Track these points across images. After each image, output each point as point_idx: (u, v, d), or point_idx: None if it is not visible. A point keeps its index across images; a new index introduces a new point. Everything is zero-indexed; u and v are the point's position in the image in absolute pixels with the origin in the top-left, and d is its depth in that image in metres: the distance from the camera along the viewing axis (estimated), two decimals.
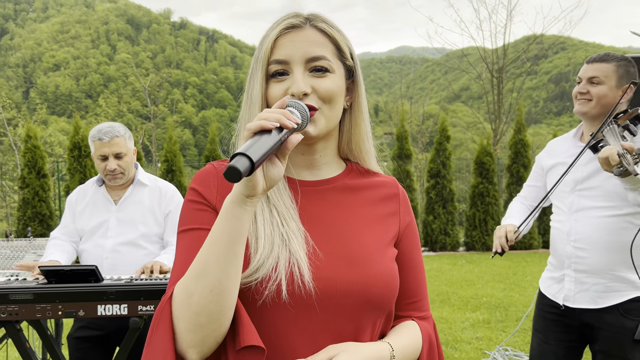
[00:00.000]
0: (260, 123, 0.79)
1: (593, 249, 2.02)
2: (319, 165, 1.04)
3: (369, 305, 0.95)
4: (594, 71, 2.04)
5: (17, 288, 2.08)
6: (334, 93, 0.96)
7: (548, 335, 2.19)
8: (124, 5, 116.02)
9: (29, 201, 10.05)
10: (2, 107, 17.54)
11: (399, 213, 1.07)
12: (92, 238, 2.80)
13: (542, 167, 2.30)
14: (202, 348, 0.85)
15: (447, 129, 11.24)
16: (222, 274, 0.83)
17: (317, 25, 0.98)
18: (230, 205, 0.83)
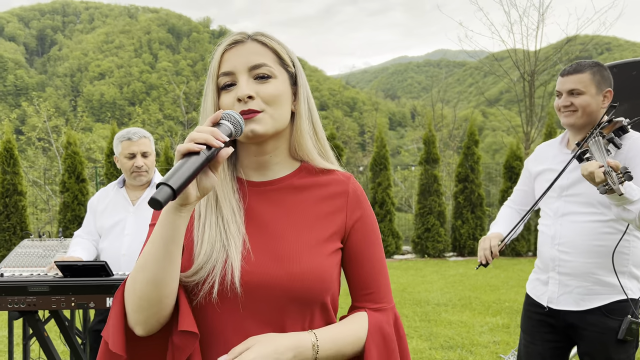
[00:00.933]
0: (187, 146, 0.87)
1: (576, 253, 2.07)
2: (269, 166, 1.10)
3: (295, 299, 1.01)
4: (572, 83, 2.09)
5: (34, 281, 2.29)
6: (276, 96, 1.05)
7: (534, 335, 2.22)
8: (165, 15, 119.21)
9: (68, 205, 10.56)
10: (47, 116, 18.45)
11: (346, 210, 1.10)
12: (110, 236, 3.01)
13: (530, 172, 2.34)
14: (146, 326, 0.98)
15: (476, 134, 11.14)
16: (158, 269, 0.94)
17: (257, 38, 1.08)
18: (166, 213, 0.93)
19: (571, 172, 2.12)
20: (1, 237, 10.67)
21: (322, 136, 1.14)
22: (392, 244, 11.46)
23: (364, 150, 19.29)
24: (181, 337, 0.99)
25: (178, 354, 0.99)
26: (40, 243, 4.09)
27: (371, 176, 11.63)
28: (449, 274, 9.09)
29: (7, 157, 10.76)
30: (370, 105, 28.05)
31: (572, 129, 2.16)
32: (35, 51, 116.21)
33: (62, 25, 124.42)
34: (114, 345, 0.96)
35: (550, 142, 2.34)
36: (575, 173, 2.10)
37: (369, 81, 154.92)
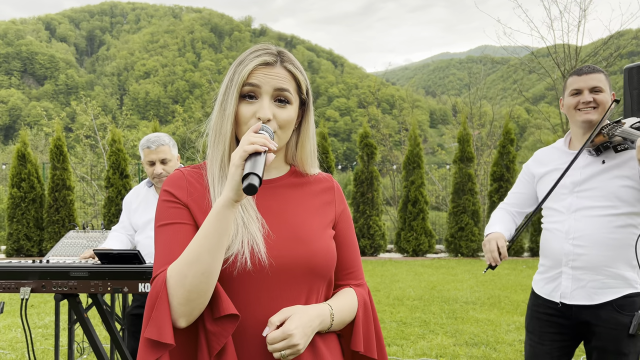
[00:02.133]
0: (255, 147, 1.03)
1: (592, 246, 2.12)
2: (268, 169, 1.26)
3: (313, 274, 1.18)
4: (594, 81, 2.18)
5: (75, 267, 2.53)
6: (289, 122, 1.20)
7: (542, 336, 2.25)
8: (208, 14, 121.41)
9: (113, 199, 11.08)
10: (94, 114, 19.27)
11: (335, 202, 1.30)
12: (144, 231, 3.26)
13: (533, 175, 2.39)
14: (189, 317, 1.11)
15: (512, 132, 11.01)
16: (212, 260, 1.06)
17: (285, 66, 1.21)
18: (222, 208, 1.06)
19: (583, 168, 2.19)
20: (51, 229, 11.31)
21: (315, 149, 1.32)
22: (425, 242, 11.47)
23: (401, 147, 19.26)
24: (219, 323, 1.10)
25: (216, 339, 1.09)
26: (84, 234, 4.41)
27: (404, 174, 11.66)
28: (481, 274, 9.06)
29: (57, 154, 11.38)
30: (409, 103, 27.82)
31: (587, 127, 2.22)
32: (85, 51, 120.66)
33: (110, 26, 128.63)
34: (164, 336, 1.07)
35: (551, 146, 2.41)
36: (587, 169, 2.18)
37: (409, 78, 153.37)
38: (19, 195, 11.30)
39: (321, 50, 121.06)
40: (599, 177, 2.14)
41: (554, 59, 13.57)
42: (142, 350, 1.09)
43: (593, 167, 2.17)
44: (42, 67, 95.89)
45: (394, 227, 13.07)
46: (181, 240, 1.13)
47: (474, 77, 24.26)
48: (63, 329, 4.93)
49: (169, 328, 1.07)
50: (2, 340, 5.13)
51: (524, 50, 16.11)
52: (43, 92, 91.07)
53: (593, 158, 2.18)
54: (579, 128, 2.25)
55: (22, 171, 11.30)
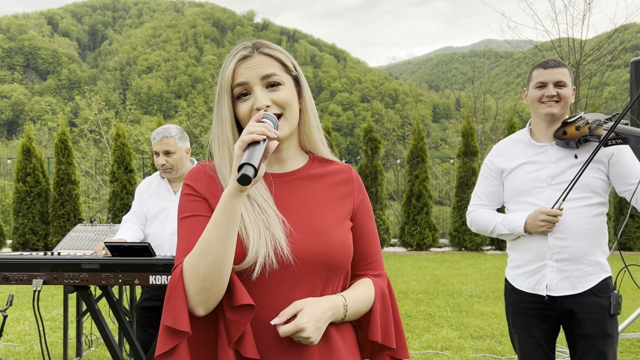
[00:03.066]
0: (252, 136, 1.04)
1: (573, 238, 2.19)
2: (285, 159, 1.27)
3: (329, 268, 1.20)
4: (559, 75, 2.22)
5: (87, 259, 2.56)
6: (289, 101, 1.21)
7: (529, 329, 2.28)
8: (210, 8, 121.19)
9: (117, 193, 11.13)
10: (98, 109, 19.31)
11: (353, 193, 1.30)
12: (155, 222, 3.28)
13: (501, 169, 2.37)
14: (206, 305, 1.13)
15: (516, 126, 10.99)
16: (221, 250, 1.08)
17: (262, 51, 1.22)
18: (228, 199, 1.08)
19: (557, 162, 2.24)
20: (57, 224, 11.37)
21: (320, 127, 1.33)
22: (429, 236, 11.49)
23: (404, 142, 19.25)
24: (237, 312, 1.12)
25: (235, 328, 1.12)
26: (92, 228, 4.44)
27: (408, 168, 11.67)
28: (485, 267, 9.08)
29: (61, 148, 11.43)
30: (413, 97, 27.75)
31: (549, 120, 2.26)
32: (87, 46, 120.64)
33: (112, 21, 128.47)
34: (181, 324, 1.10)
35: (511, 138, 2.41)
36: (561, 162, 2.24)
37: (412, 72, 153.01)
38: (25, 189, 11.35)
39: (324, 44, 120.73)
40: (573, 170, 2.21)
41: (558, 53, 13.53)
42: (160, 338, 1.12)
43: (566, 160, 2.24)
44: (44, 61, 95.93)
45: (398, 221, 13.09)
46: (199, 232, 1.15)
47: (477, 71, 24.18)
48: (70, 322, 4.97)
49: (185, 316, 1.10)
50: (11, 332, 5.18)
51: (528, 44, 16.06)
52: (46, 87, 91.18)
53: (565, 152, 2.24)
54: (541, 121, 2.29)
55: (27, 166, 11.35)
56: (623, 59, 14.49)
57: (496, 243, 11.44)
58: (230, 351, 1.14)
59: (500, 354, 4.44)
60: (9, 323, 5.46)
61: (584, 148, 2.22)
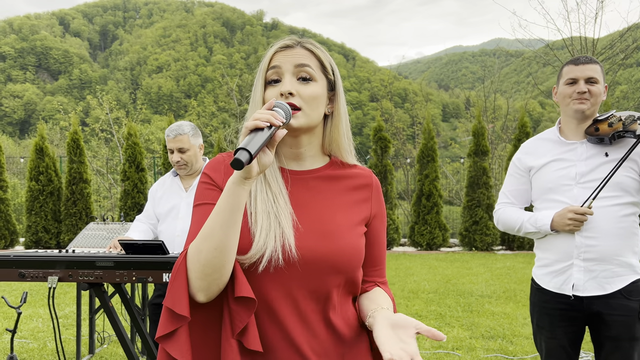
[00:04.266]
0: (255, 123, 1.02)
1: (602, 237, 2.14)
2: (304, 158, 1.26)
3: (336, 270, 1.17)
4: (591, 72, 2.19)
5: (101, 256, 2.58)
6: (314, 98, 1.19)
7: (555, 330, 2.26)
8: (220, 8, 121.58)
9: (129, 192, 11.20)
10: (109, 109, 19.45)
11: (371, 200, 1.28)
12: (166, 220, 3.31)
13: (529, 167, 2.35)
14: (207, 292, 1.12)
15: (527, 125, 10.93)
16: (224, 236, 1.07)
17: (305, 45, 1.23)
18: (232, 185, 1.06)
19: (587, 160, 2.20)
20: (69, 222, 11.47)
21: (350, 136, 1.32)
22: (439, 236, 11.46)
23: (414, 141, 19.20)
24: (240, 303, 1.12)
25: (238, 318, 1.11)
26: (104, 226, 4.48)
27: (418, 168, 11.64)
28: (496, 267, 9.04)
29: (73, 147, 11.52)
30: (422, 97, 27.66)
31: (579, 117, 2.22)
32: (98, 46, 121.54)
33: (122, 21, 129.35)
34: (180, 308, 1.09)
35: (540, 137, 2.39)
36: (591, 160, 2.19)
37: (421, 72, 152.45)
38: (37, 188, 11.46)
39: (333, 44, 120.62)
40: (603, 168, 2.16)
41: (570, 52, 13.42)
42: (161, 320, 1.12)
43: (596, 158, 2.19)
44: (56, 61, 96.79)
45: (407, 221, 13.06)
46: None
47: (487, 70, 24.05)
48: (83, 319, 5.01)
49: (185, 300, 1.09)
50: (24, 330, 5.24)
51: (539, 42, 15.95)
52: (57, 87, 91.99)
53: (595, 149, 2.20)
54: (571, 118, 2.25)
55: (40, 164, 11.46)
56: (635, 57, 14.36)
57: (507, 243, 11.38)
58: (234, 342, 1.13)
59: (512, 354, 4.42)
60: (23, 320, 5.52)
61: (617, 145, 2.17)
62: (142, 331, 2.89)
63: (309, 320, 1.17)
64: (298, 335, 1.16)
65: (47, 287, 7.22)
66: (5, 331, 5.06)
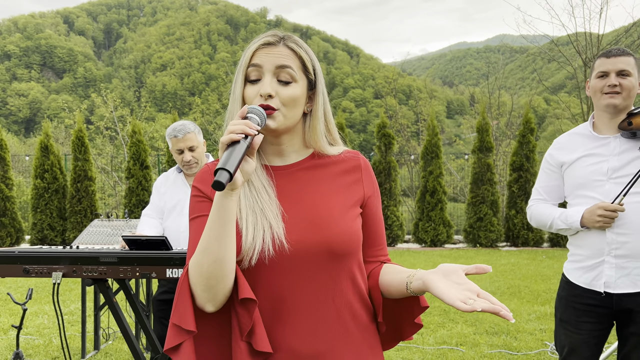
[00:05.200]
0: (230, 137, 1.02)
1: (635, 233, 2.08)
2: (287, 154, 1.26)
3: (334, 256, 1.18)
4: (622, 64, 2.11)
5: (105, 252, 2.59)
6: (293, 100, 1.18)
7: (579, 325, 2.21)
8: (223, 6, 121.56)
9: (133, 190, 11.24)
10: (113, 107, 19.50)
11: (362, 180, 1.28)
12: (171, 216, 3.31)
13: (561, 163, 2.30)
14: (215, 302, 1.14)
15: (532, 122, 10.89)
16: (220, 248, 1.09)
17: (288, 44, 1.21)
18: (220, 198, 1.08)
19: (620, 155, 2.14)
20: (74, 219, 11.52)
21: (332, 128, 1.31)
22: (444, 232, 11.44)
23: (418, 138, 19.17)
24: (243, 305, 1.13)
25: (244, 321, 1.13)
26: (109, 223, 4.50)
27: (422, 164, 11.62)
28: (500, 264, 9.02)
29: (78, 145, 11.57)
30: (427, 93, 27.60)
31: (611, 112, 2.17)
32: (103, 44, 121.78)
33: (127, 19, 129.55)
34: (186, 323, 1.12)
35: (573, 132, 2.34)
36: (624, 155, 2.13)
37: (425, 68, 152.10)
38: (43, 186, 11.51)
39: (337, 41, 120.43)
40: (637, 162, 2.10)
41: (575, 47, 13.35)
42: (169, 334, 1.14)
43: (630, 153, 2.13)
44: (61, 60, 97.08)
45: (412, 217, 13.05)
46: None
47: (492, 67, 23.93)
48: (88, 316, 5.04)
49: (191, 316, 1.12)
50: (30, 326, 5.27)
51: (544, 38, 15.87)
52: (62, 85, 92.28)
53: (629, 144, 2.13)
54: (603, 112, 2.19)
55: (45, 162, 11.51)
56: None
57: (511, 240, 11.35)
58: (243, 344, 1.14)
59: (516, 350, 4.41)
60: (28, 317, 5.55)
61: None
62: (147, 327, 2.90)
63: (315, 309, 1.18)
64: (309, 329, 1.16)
65: (51, 284, 7.27)
66: (11, 327, 5.10)
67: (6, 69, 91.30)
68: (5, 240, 11.48)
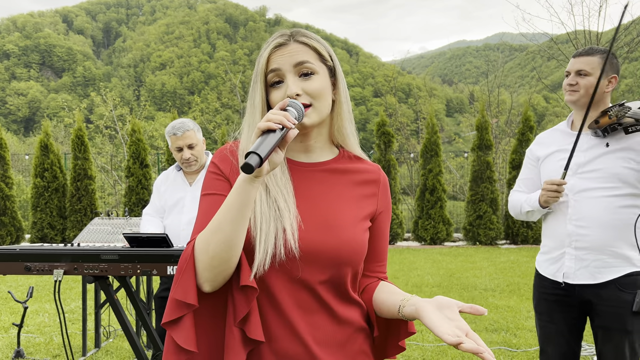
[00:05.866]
0: (267, 124, 1.03)
1: (594, 227, 2.17)
2: (313, 149, 1.26)
3: (339, 263, 1.18)
4: (580, 64, 2.24)
5: (106, 250, 2.60)
6: (320, 91, 1.20)
7: (552, 315, 2.30)
8: (222, 5, 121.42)
9: (133, 188, 11.25)
10: (113, 105, 19.51)
11: (378, 195, 1.29)
12: (172, 214, 3.33)
13: (537, 157, 2.41)
14: (213, 283, 1.15)
15: (531, 119, 10.90)
16: (232, 231, 1.09)
17: (298, 39, 1.22)
18: (242, 182, 1.08)
19: (586, 151, 2.23)
20: (74, 218, 11.53)
21: (353, 121, 1.32)
22: (443, 230, 11.46)
23: (418, 136, 19.19)
24: (243, 292, 1.14)
25: (240, 307, 1.13)
26: (109, 221, 4.51)
27: (422, 162, 11.63)
28: (500, 261, 9.04)
29: (78, 144, 11.57)
30: (426, 92, 27.62)
31: (574, 107, 2.29)
32: (102, 43, 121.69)
33: (125, 18, 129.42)
34: (187, 297, 1.12)
35: (553, 128, 2.46)
36: (590, 151, 2.22)
37: (425, 66, 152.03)
38: (42, 184, 11.52)
39: (336, 39, 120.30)
40: (602, 158, 2.19)
41: (574, 45, 13.36)
42: (168, 309, 1.13)
43: (597, 149, 2.21)
44: (60, 59, 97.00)
45: (411, 216, 13.07)
46: (217, 210, 1.15)
47: (491, 65, 23.95)
48: (89, 314, 5.05)
49: (194, 290, 1.12)
50: (30, 324, 5.28)
51: (543, 36, 15.87)
52: (61, 84, 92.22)
53: (597, 140, 2.22)
54: (573, 109, 2.33)
55: (45, 161, 11.51)
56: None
57: (511, 237, 11.37)
58: (237, 330, 1.15)
59: (515, 347, 4.43)
60: (29, 315, 5.57)
61: (614, 137, 2.19)
62: (148, 324, 2.92)
63: (312, 311, 1.19)
64: (301, 326, 1.17)
65: (52, 282, 7.28)
66: (12, 325, 5.11)
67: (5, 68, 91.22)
68: (5, 239, 11.49)
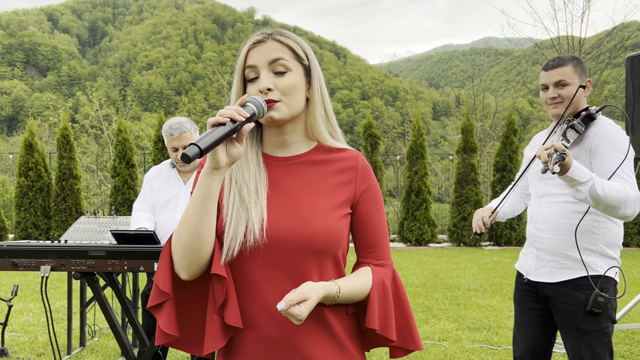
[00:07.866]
0: (216, 118, 1.09)
1: (549, 230, 2.28)
2: (289, 144, 1.31)
3: (313, 252, 1.22)
4: (558, 75, 2.27)
5: (93, 246, 2.63)
6: (292, 87, 1.24)
7: (522, 305, 2.42)
8: (210, 5, 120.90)
9: (119, 188, 11.19)
10: (99, 105, 19.37)
11: (355, 181, 1.30)
12: (164, 211, 3.34)
13: (527, 158, 2.52)
14: (189, 271, 1.22)
15: (515, 123, 11.06)
16: (198, 222, 1.16)
17: (275, 38, 1.27)
18: (203, 175, 1.15)
19: None
20: (58, 218, 11.43)
21: (332, 117, 1.34)
22: (428, 232, 11.57)
23: (404, 139, 19.32)
24: (218, 280, 1.21)
25: (218, 294, 1.21)
26: (95, 220, 4.52)
27: (408, 164, 11.74)
28: (483, 262, 9.16)
29: (63, 144, 11.48)
30: (413, 95, 27.81)
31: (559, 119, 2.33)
32: (87, 42, 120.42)
33: (112, 17, 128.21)
34: (163, 285, 1.20)
35: (546, 129, 2.54)
36: None
37: (412, 70, 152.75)
38: (27, 184, 11.41)
39: (324, 41, 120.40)
40: None
41: (558, 51, 13.59)
42: (152, 294, 1.23)
43: None
44: (44, 58, 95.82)
45: (397, 217, 13.17)
46: None
47: (477, 69, 24.17)
48: (74, 313, 5.04)
49: (168, 278, 1.22)
50: (15, 323, 5.26)
51: (528, 41, 16.12)
52: (46, 84, 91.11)
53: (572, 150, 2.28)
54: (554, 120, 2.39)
55: (29, 160, 11.41)
56: (623, 57, 14.55)
57: (494, 239, 11.51)
58: (217, 317, 1.21)
59: (497, 345, 4.52)
60: (13, 314, 5.53)
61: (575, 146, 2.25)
62: (135, 321, 2.94)
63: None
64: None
65: (37, 281, 7.23)
66: None
67: None
68: None
